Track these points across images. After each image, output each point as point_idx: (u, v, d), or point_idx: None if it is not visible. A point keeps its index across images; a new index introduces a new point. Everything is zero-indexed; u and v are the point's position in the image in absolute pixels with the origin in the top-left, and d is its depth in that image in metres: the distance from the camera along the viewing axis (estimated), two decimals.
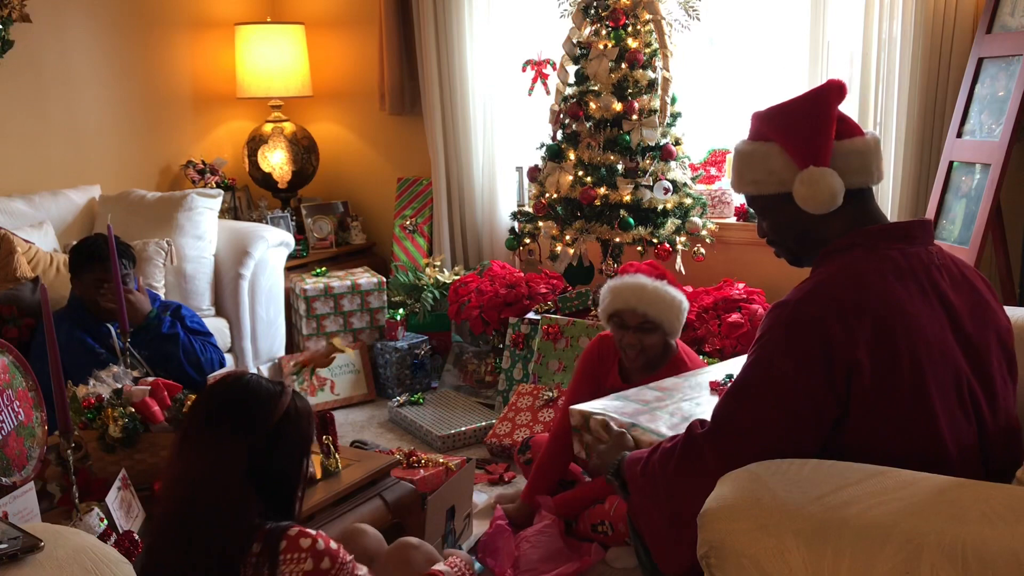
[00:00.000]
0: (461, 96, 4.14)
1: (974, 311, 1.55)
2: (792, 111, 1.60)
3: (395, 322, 3.91)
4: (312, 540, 1.38)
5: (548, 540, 2.47)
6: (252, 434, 1.44)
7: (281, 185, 4.51)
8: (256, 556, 1.35)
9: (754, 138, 1.64)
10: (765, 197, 1.63)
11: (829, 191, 1.52)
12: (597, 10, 3.38)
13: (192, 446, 1.47)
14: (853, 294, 1.47)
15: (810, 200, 1.54)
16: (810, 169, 1.53)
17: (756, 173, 1.62)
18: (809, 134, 1.55)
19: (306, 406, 1.55)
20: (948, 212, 2.98)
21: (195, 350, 2.92)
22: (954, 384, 1.47)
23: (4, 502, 1.66)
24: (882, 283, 1.48)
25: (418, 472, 2.78)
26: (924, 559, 1.15)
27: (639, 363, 2.53)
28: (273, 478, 1.47)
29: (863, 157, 1.57)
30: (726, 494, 1.34)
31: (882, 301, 1.46)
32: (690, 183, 3.50)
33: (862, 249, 1.54)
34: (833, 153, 1.55)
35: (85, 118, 3.98)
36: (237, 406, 1.47)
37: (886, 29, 3.16)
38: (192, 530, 1.40)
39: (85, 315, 2.85)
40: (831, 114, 1.56)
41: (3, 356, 1.77)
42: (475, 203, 4.25)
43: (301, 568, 1.34)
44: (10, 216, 3.42)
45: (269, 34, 4.40)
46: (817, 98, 1.58)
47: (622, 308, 2.51)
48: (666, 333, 2.53)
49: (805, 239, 1.62)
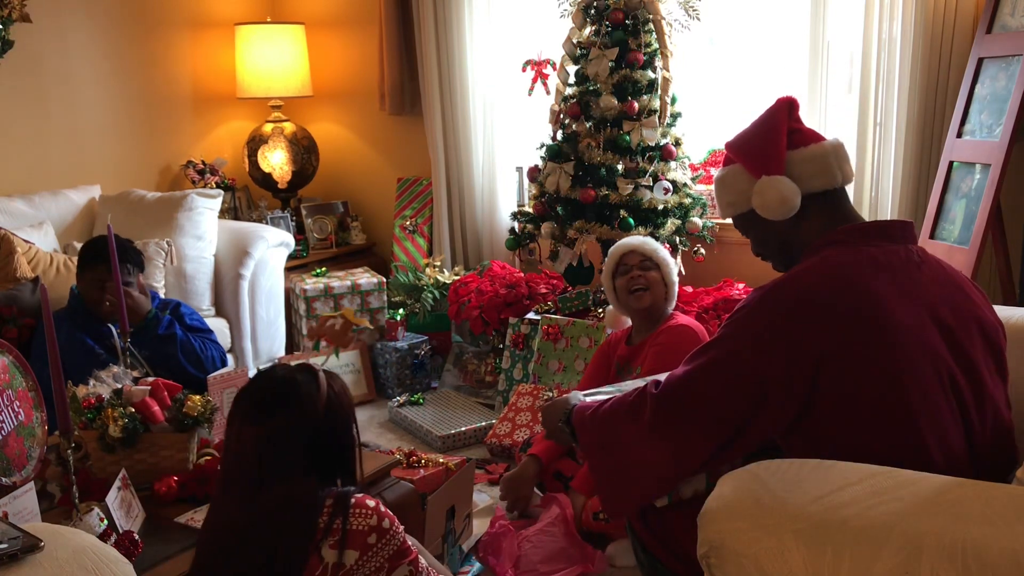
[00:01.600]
0: (461, 96, 4.14)
1: (956, 307, 1.56)
2: (748, 132, 1.73)
3: (395, 322, 3.91)
4: (376, 503, 1.54)
5: (550, 540, 2.46)
6: (307, 430, 1.55)
7: (281, 185, 4.51)
8: (330, 508, 1.50)
9: (724, 164, 1.77)
10: (741, 216, 1.74)
11: (779, 197, 1.62)
12: (597, 10, 3.38)
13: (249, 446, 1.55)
14: (827, 285, 1.51)
15: (765, 209, 1.64)
16: (761, 179, 1.64)
17: (729, 195, 1.74)
18: (760, 148, 1.66)
19: (339, 382, 1.66)
20: (948, 212, 2.98)
21: (194, 348, 2.91)
22: (936, 377, 1.48)
23: (4, 502, 1.66)
24: (858, 276, 1.52)
25: (418, 472, 2.78)
26: (924, 559, 1.15)
27: (647, 302, 2.68)
28: (333, 453, 1.61)
29: (819, 161, 1.65)
30: (726, 494, 1.34)
31: (856, 293, 1.50)
32: (690, 183, 3.50)
33: (840, 245, 1.59)
34: (788, 162, 1.64)
35: (85, 118, 3.98)
36: (285, 411, 1.55)
37: (886, 29, 3.16)
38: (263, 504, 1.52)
39: (85, 315, 2.85)
40: (780, 127, 1.66)
41: (3, 356, 1.77)
42: (475, 203, 4.25)
43: (367, 523, 1.50)
44: (10, 216, 3.42)
45: (269, 34, 4.40)
46: (768, 115, 1.71)
47: (624, 251, 2.75)
48: (664, 279, 2.71)
49: (786, 247, 1.70)
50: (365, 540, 1.48)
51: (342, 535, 1.48)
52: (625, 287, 2.71)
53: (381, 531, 1.50)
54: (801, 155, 1.65)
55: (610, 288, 2.79)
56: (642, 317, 2.73)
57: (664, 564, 1.95)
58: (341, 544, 1.47)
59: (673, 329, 2.64)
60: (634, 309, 2.72)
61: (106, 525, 1.77)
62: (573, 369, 3.35)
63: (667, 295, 2.73)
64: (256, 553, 1.49)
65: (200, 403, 2.14)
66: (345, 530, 1.48)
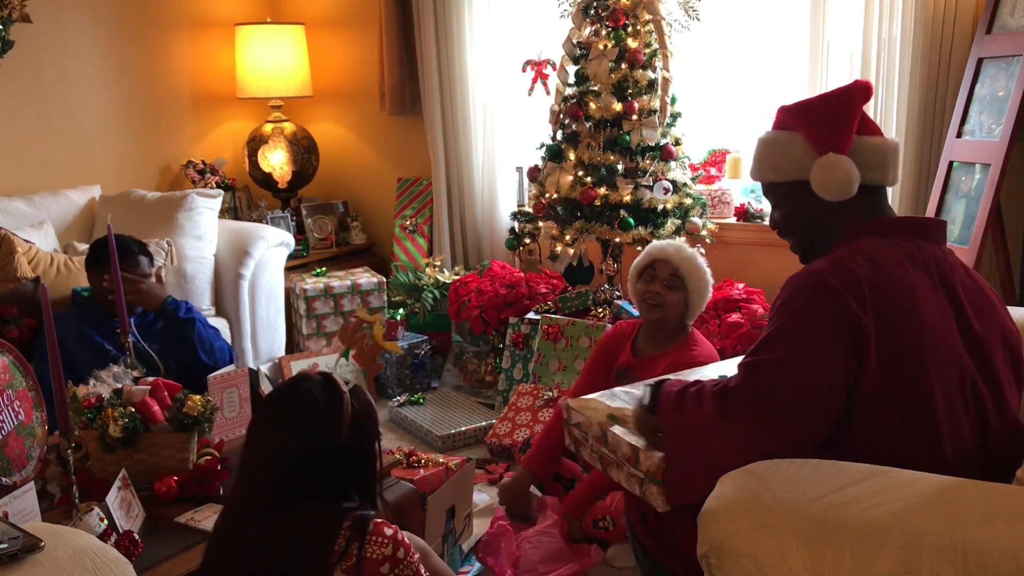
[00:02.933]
0: (461, 96, 4.14)
1: (981, 311, 1.56)
2: (817, 104, 1.66)
3: (395, 322, 3.91)
4: (394, 531, 1.53)
5: (549, 541, 2.47)
6: (326, 452, 1.54)
7: (281, 185, 4.51)
8: (347, 531, 1.49)
9: (777, 128, 1.70)
10: (782, 184, 1.68)
11: (846, 177, 1.57)
12: (597, 10, 3.38)
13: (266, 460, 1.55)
14: (868, 271, 1.48)
15: (826, 184, 1.59)
16: (829, 155, 1.58)
17: (776, 159, 1.67)
18: (831, 125, 1.61)
19: (364, 399, 1.61)
20: (948, 212, 2.98)
21: (209, 336, 2.96)
22: (957, 377, 1.48)
23: (4, 502, 1.66)
24: (895, 267, 1.51)
25: (418, 472, 2.78)
26: (924, 559, 1.15)
27: (656, 317, 2.53)
28: (353, 473, 1.58)
29: (881, 155, 1.62)
30: (726, 494, 1.34)
31: (892, 284, 1.48)
32: (690, 183, 3.50)
33: (877, 237, 1.57)
34: (853, 147, 1.59)
35: (85, 118, 3.98)
36: (303, 440, 1.53)
37: (886, 29, 3.16)
38: (281, 523, 1.51)
39: (94, 313, 2.90)
40: (855, 109, 1.62)
41: (3, 356, 1.77)
42: (475, 203, 4.25)
43: (383, 552, 1.49)
44: (10, 216, 3.42)
45: (269, 34, 4.40)
46: (843, 94, 1.65)
47: (658, 257, 2.55)
48: (687, 302, 2.53)
49: (816, 230, 1.65)
50: (378, 570, 1.47)
51: (357, 561, 1.47)
52: (642, 294, 2.55)
53: (395, 561, 1.49)
54: (865, 143, 1.61)
55: (633, 283, 2.62)
56: (652, 327, 2.59)
57: (664, 566, 1.94)
58: (356, 571, 1.46)
59: (692, 362, 2.39)
60: (643, 317, 2.61)
61: (106, 525, 1.77)
62: (573, 369, 3.35)
63: (687, 313, 2.56)
64: (272, 568, 1.48)
65: (200, 403, 2.14)
66: (360, 557, 1.47)
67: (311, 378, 1.59)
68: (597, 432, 1.84)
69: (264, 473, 1.53)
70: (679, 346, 2.51)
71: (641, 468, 1.67)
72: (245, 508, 1.55)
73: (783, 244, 1.78)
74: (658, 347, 2.56)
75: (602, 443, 1.82)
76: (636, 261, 2.62)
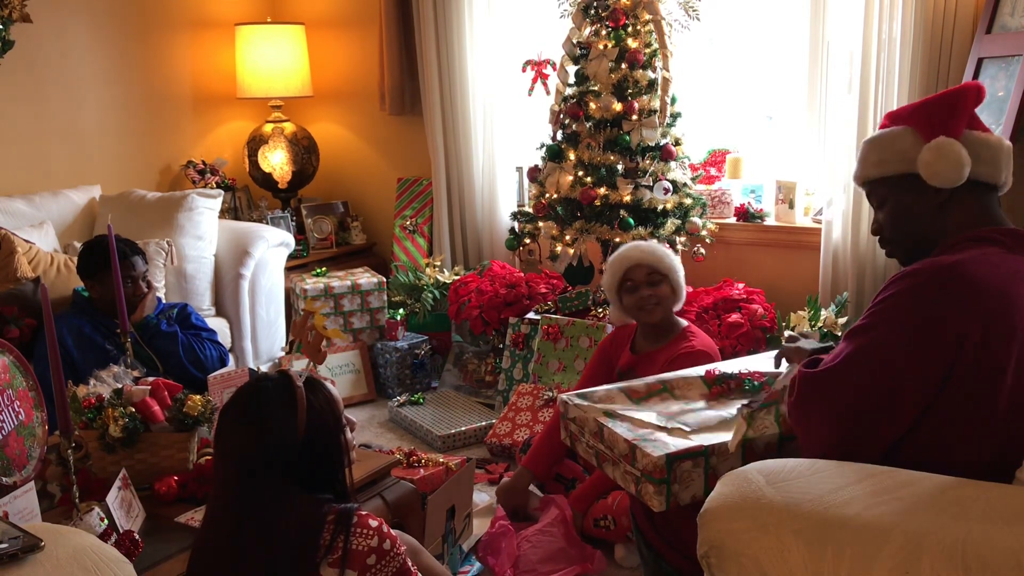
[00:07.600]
0: (461, 96, 4.14)
1: None
2: (928, 101, 1.60)
3: (395, 322, 3.91)
4: (379, 523, 1.53)
5: (549, 541, 2.47)
6: (286, 451, 1.53)
7: (281, 185, 4.51)
8: (332, 524, 1.49)
9: (885, 126, 1.64)
10: (887, 179, 1.61)
11: (956, 159, 1.50)
12: (597, 10, 3.38)
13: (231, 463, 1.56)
14: (979, 273, 1.41)
15: (934, 166, 1.51)
16: (938, 139, 1.52)
17: (882, 153, 1.60)
18: (942, 117, 1.54)
19: (324, 393, 1.61)
20: None
21: (194, 348, 2.96)
22: None
23: (4, 502, 1.66)
24: (1002, 279, 1.42)
25: (418, 472, 2.77)
26: (924, 559, 1.14)
27: (658, 316, 2.55)
28: (320, 468, 1.58)
29: (994, 151, 1.55)
30: (726, 494, 1.34)
31: (1002, 290, 1.40)
32: (690, 183, 3.50)
33: (1000, 247, 1.49)
34: (963, 138, 1.53)
35: (85, 118, 3.98)
36: (259, 440, 1.53)
37: (886, 29, 3.16)
38: (261, 519, 1.51)
39: (93, 313, 2.91)
40: (966, 105, 1.56)
41: (3, 356, 1.77)
42: (475, 203, 4.25)
43: (368, 544, 1.49)
44: (10, 216, 3.42)
45: (269, 34, 4.40)
46: (954, 92, 1.59)
47: (629, 267, 2.57)
48: (672, 287, 2.57)
49: (922, 231, 1.58)
50: (364, 561, 1.48)
51: (343, 554, 1.47)
52: (635, 304, 2.56)
53: (381, 552, 1.49)
54: (977, 137, 1.54)
55: (615, 301, 2.64)
56: (651, 326, 2.61)
57: (667, 560, 1.95)
58: (342, 563, 1.47)
59: (691, 356, 2.43)
60: (643, 322, 2.61)
61: (106, 525, 1.77)
62: (573, 369, 3.35)
63: (676, 300, 2.60)
64: (255, 569, 1.48)
65: (200, 403, 2.14)
66: (346, 549, 1.48)
67: (267, 377, 1.61)
68: (594, 427, 1.84)
69: (231, 477, 1.54)
70: (676, 339, 2.55)
71: (638, 466, 1.66)
72: (223, 513, 1.55)
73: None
74: (657, 342, 2.59)
75: (598, 439, 1.82)
76: (609, 276, 2.62)
